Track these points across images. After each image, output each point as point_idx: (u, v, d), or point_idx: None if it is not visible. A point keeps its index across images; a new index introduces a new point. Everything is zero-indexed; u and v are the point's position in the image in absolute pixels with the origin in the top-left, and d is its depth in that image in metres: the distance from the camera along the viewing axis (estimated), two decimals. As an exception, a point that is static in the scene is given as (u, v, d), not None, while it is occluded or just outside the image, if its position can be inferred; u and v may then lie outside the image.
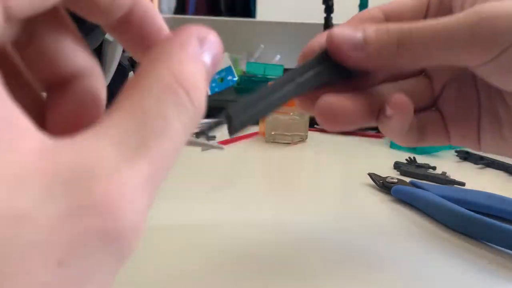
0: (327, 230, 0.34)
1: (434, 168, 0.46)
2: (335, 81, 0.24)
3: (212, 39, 0.16)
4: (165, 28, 0.18)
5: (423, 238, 0.33)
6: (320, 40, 0.26)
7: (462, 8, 0.24)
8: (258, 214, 0.36)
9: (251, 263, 0.29)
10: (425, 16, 0.27)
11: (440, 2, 0.26)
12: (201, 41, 0.16)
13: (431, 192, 0.37)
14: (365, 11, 0.27)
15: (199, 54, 0.16)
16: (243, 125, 0.22)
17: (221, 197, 0.39)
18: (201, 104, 0.16)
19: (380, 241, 0.32)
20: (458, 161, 0.50)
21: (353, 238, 0.33)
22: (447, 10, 0.26)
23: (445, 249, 0.31)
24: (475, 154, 0.50)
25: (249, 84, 0.70)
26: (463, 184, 0.42)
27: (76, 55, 0.17)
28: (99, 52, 0.34)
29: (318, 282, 0.27)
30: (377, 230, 0.33)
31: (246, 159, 0.50)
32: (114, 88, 0.37)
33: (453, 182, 0.43)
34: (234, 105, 0.21)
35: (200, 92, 0.16)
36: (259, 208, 0.37)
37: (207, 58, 0.16)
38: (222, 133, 0.56)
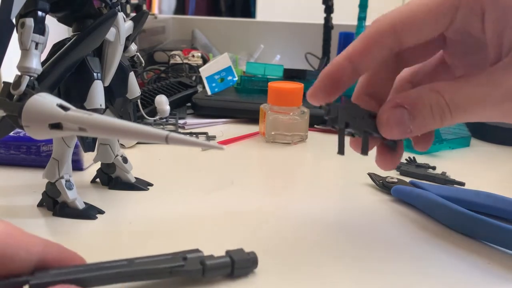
0: (327, 229, 0.34)
1: (434, 168, 0.46)
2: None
3: None
4: (76, 258, 0.24)
5: (423, 238, 0.33)
6: (342, 68, 0.29)
7: (494, 33, 0.26)
8: (258, 214, 0.36)
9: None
10: (447, 29, 0.27)
11: (466, 23, 0.27)
12: None
13: (431, 192, 0.37)
14: (374, 28, 0.28)
15: None
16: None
17: (221, 197, 0.39)
18: None
19: (380, 241, 0.32)
20: (458, 161, 0.50)
21: (353, 237, 0.33)
22: (473, 36, 0.27)
23: (445, 249, 0.31)
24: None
25: (249, 84, 0.70)
26: (462, 184, 0.42)
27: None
28: (99, 52, 0.34)
29: (318, 282, 0.27)
30: (377, 230, 0.33)
31: (246, 159, 0.50)
32: (114, 88, 0.38)
33: (453, 182, 0.43)
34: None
35: None
36: (259, 207, 0.37)
37: None
38: (222, 133, 0.56)
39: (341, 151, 0.27)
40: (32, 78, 0.28)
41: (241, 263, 0.27)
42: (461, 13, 0.26)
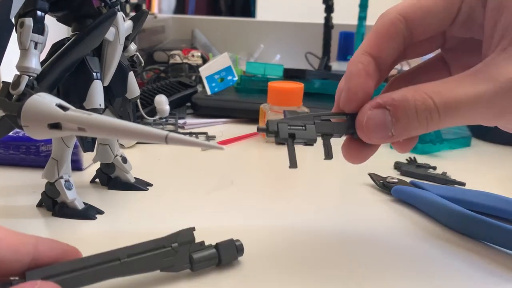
0: (327, 230, 0.34)
1: (434, 168, 0.46)
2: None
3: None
4: (69, 249, 0.24)
5: (423, 238, 0.33)
6: (360, 87, 0.27)
7: (494, 31, 0.25)
8: (258, 214, 0.36)
9: (251, 262, 0.29)
10: (453, 22, 0.27)
11: (471, 11, 0.26)
12: None
13: (431, 192, 0.37)
14: (385, 18, 0.27)
15: None
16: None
17: (221, 197, 0.39)
18: None
19: (380, 241, 0.32)
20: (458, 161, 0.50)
21: (353, 237, 0.32)
22: (477, 25, 0.26)
23: (445, 249, 0.31)
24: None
25: (249, 84, 0.70)
26: (463, 184, 0.42)
27: None
28: (98, 52, 0.34)
29: (317, 282, 0.27)
30: (377, 230, 0.33)
31: (246, 159, 0.50)
32: (114, 88, 0.37)
33: (453, 182, 0.42)
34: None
35: None
36: (259, 207, 0.37)
37: None
38: (222, 133, 0.56)
39: (293, 164, 0.26)
40: (31, 78, 0.28)
41: (227, 253, 0.28)
42: (467, 2, 0.26)
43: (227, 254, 0.28)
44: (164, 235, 0.26)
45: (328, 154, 0.27)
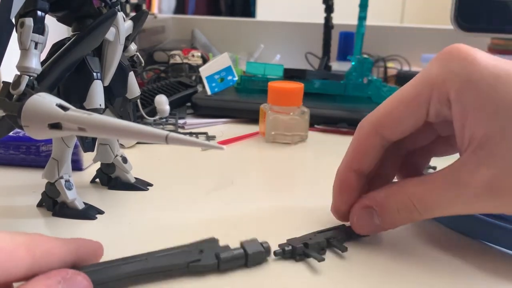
0: (327, 230, 0.34)
1: (434, 168, 0.46)
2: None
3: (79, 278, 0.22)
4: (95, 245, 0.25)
5: (423, 238, 0.33)
6: (348, 178, 0.32)
7: (462, 133, 0.27)
8: (258, 214, 0.36)
9: (251, 263, 0.29)
10: (424, 122, 0.29)
11: (439, 113, 0.28)
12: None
13: (431, 192, 0.37)
14: (361, 132, 0.31)
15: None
16: None
17: (221, 197, 0.39)
18: None
19: (380, 241, 0.32)
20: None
21: (352, 237, 0.32)
22: (449, 122, 0.28)
23: (445, 249, 0.31)
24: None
25: (249, 84, 0.70)
26: (434, 168, 0.44)
27: None
28: (99, 52, 0.34)
29: (317, 283, 0.27)
30: (377, 230, 0.33)
31: (246, 159, 0.50)
32: (114, 88, 0.37)
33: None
34: None
35: None
36: (259, 207, 0.37)
37: None
38: (222, 133, 0.56)
39: None
40: (31, 78, 0.28)
41: (254, 254, 0.28)
42: (434, 104, 0.27)
43: (254, 254, 0.28)
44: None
45: None
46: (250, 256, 0.28)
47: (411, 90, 0.28)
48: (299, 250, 0.29)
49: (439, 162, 0.48)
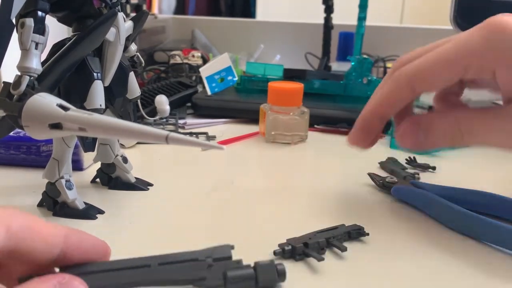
0: (327, 230, 0.34)
1: (434, 168, 0.46)
2: None
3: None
4: (98, 244, 0.23)
5: (423, 238, 0.33)
6: (372, 122, 0.34)
7: None
8: (258, 214, 0.36)
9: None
10: (459, 78, 0.30)
11: (479, 71, 0.30)
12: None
13: (431, 192, 0.37)
14: (394, 85, 0.32)
15: None
16: None
17: (221, 197, 0.39)
18: None
19: (380, 241, 0.32)
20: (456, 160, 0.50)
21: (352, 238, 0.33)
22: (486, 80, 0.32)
23: (445, 249, 0.31)
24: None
25: (249, 84, 0.70)
26: (433, 168, 0.46)
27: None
28: (99, 52, 0.34)
29: (317, 282, 0.27)
30: (377, 230, 0.33)
31: (246, 159, 0.50)
32: (114, 88, 0.37)
33: (424, 166, 0.46)
34: None
35: None
36: (259, 207, 0.37)
37: None
38: (222, 133, 0.56)
39: None
40: (32, 78, 0.28)
41: (266, 276, 0.25)
42: (472, 70, 0.29)
43: (266, 276, 0.25)
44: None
45: None
46: (261, 278, 0.25)
47: (450, 54, 0.30)
48: (299, 250, 0.29)
49: (439, 162, 0.48)
